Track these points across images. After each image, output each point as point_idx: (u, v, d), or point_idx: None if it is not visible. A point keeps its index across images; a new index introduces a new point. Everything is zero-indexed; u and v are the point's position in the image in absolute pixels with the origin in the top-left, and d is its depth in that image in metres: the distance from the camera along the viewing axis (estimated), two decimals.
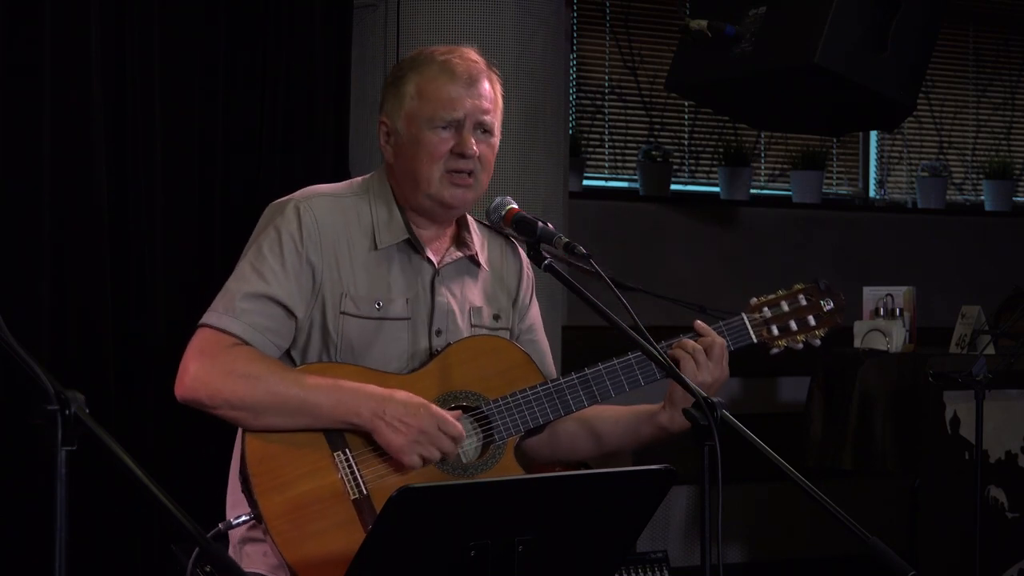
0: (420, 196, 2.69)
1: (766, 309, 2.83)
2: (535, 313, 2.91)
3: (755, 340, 2.81)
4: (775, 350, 2.85)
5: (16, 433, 4.19)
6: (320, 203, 2.68)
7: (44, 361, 2.56)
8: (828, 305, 2.86)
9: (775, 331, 2.83)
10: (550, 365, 2.92)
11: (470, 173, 2.68)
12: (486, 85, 2.69)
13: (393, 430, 2.55)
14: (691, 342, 2.73)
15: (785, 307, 2.84)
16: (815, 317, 2.85)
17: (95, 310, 4.45)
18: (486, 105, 2.68)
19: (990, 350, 5.29)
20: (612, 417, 2.83)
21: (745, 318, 2.81)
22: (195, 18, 4.70)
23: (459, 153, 2.66)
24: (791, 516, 6.31)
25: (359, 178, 2.81)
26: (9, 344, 1.92)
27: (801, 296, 2.86)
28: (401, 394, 2.58)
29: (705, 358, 2.71)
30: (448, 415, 2.59)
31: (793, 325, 2.84)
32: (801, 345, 2.85)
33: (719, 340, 2.73)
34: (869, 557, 2.31)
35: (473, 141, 2.66)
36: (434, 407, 2.58)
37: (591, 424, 2.83)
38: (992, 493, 4.92)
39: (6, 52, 4.33)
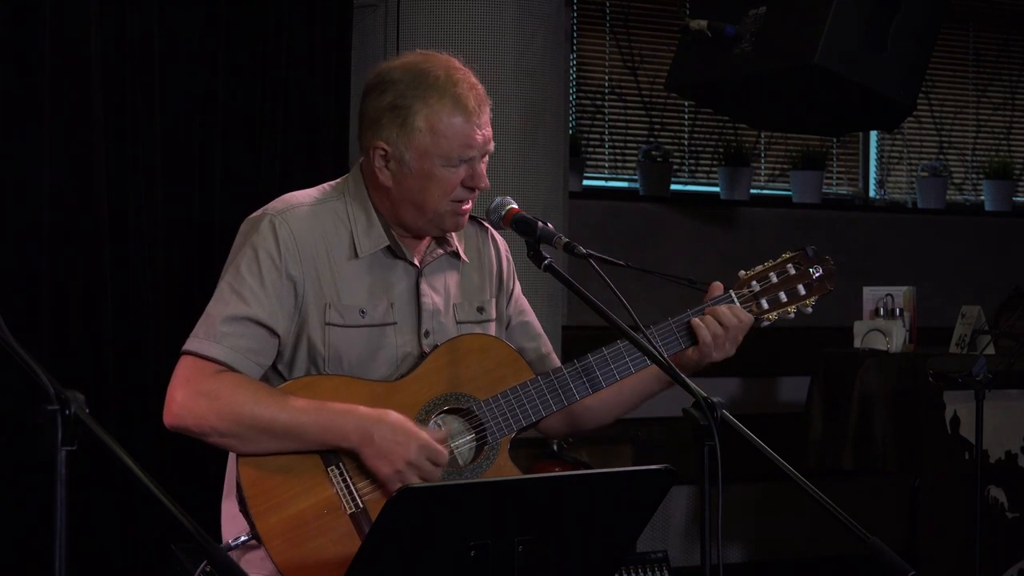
0: (422, 221, 2.67)
1: (755, 283, 2.81)
2: (520, 294, 2.90)
3: (749, 319, 2.79)
4: (766, 323, 2.82)
5: (16, 433, 4.19)
6: (295, 214, 2.65)
7: (44, 361, 2.56)
8: (818, 272, 2.83)
9: (765, 304, 2.80)
10: (546, 341, 2.91)
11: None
12: (488, 109, 2.67)
13: (380, 458, 2.54)
14: (713, 321, 2.72)
15: (774, 278, 2.81)
16: (805, 286, 2.82)
17: (95, 310, 4.45)
18: (489, 132, 2.66)
19: (990, 350, 5.29)
20: (616, 384, 2.80)
21: (734, 295, 2.79)
22: (195, 18, 4.71)
23: (471, 187, 2.65)
24: (791, 516, 6.31)
25: (331, 183, 2.77)
26: (9, 344, 1.92)
27: (790, 265, 2.83)
28: (391, 417, 2.56)
29: (723, 338, 2.71)
30: (435, 442, 2.57)
31: (783, 296, 2.81)
32: (792, 315, 2.83)
33: (745, 319, 2.73)
34: (869, 557, 2.31)
35: (484, 173, 2.66)
36: (423, 434, 2.57)
37: (598, 393, 2.81)
38: (992, 493, 4.92)
39: (6, 52, 4.33)
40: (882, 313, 5.44)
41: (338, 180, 2.77)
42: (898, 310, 5.42)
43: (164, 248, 4.62)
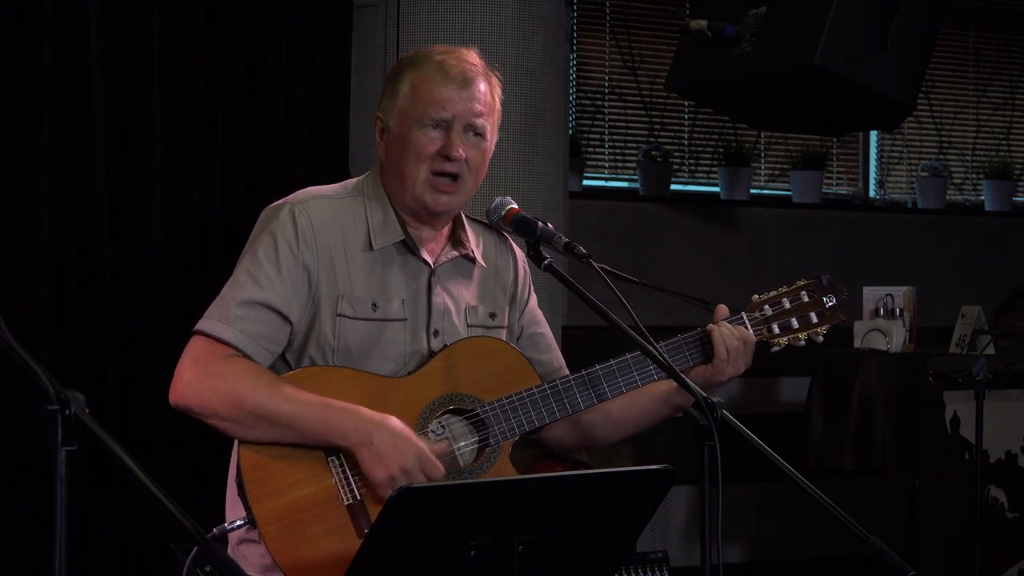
0: (406, 196, 2.67)
1: (767, 307, 2.80)
2: (535, 305, 2.90)
3: (755, 340, 2.79)
4: (776, 348, 2.82)
5: (16, 433, 4.19)
6: (315, 205, 2.67)
7: (44, 361, 2.56)
8: (831, 301, 2.83)
9: (776, 329, 2.80)
10: (558, 355, 2.91)
11: (455, 177, 2.65)
12: (482, 87, 2.67)
13: (375, 462, 2.53)
14: (729, 336, 2.72)
15: (787, 304, 2.81)
16: (817, 314, 2.82)
17: (95, 310, 4.45)
18: (478, 108, 2.65)
19: (990, 350, 5.29)
20: (626, 403, 2.80)
21: (745, 318, 2.78)
22: (195, 18, 4.71)
23: (445, 155, 2.64)
24: (791, 516, 6.31)
25: (353, 179, 2.79)
26: (9, 344, 1.92)
27: (803, 293, 2.82)
28: (393, 423, 2.56)
29: (737, 353, 2.71)
30: (433, 456, 2.57)
31: (795, 323, 2.80)
32: (803, 342, 2.82)
33: (751, 340, 2.73)
34: (869, 557, 2.31)
35: (460, 143, 2.63)
36: (422, 445, 2.56)
37: (606, 410, 2.80)
38: (992, 493, 4.92)
39: (6, 52, 4.33)
40: (882, 313, 5.44)
41: (360, 177, 2.79)
42: (898, 310, 5.42)
43: (164, 248, 4.62)
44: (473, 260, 2.77)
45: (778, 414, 6.19)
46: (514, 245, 2.86)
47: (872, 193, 7.42)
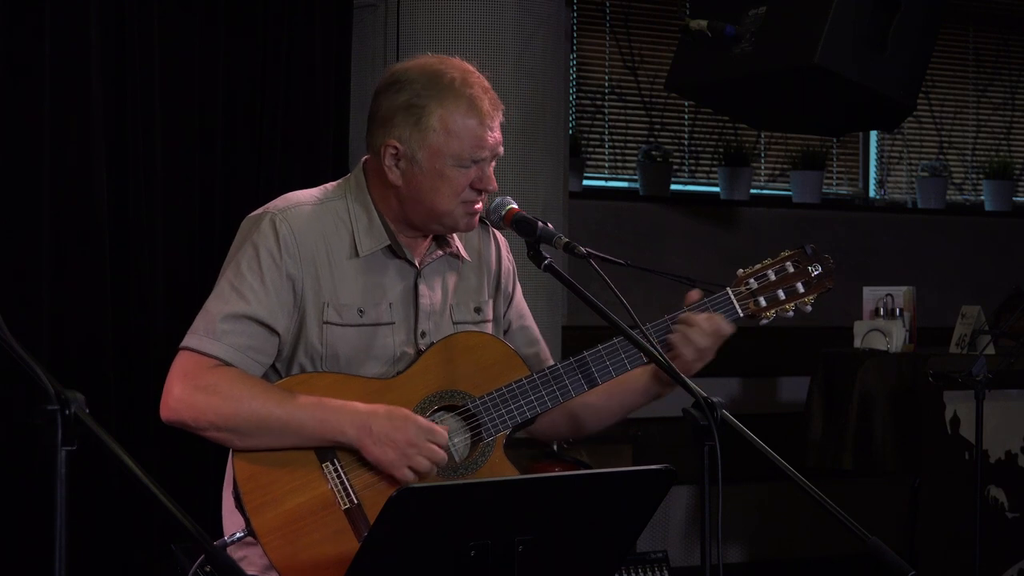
0: (431, 223, 2.68)
1: (752, 280, 2.79)
2: (520, 298, 2.91)
3: (741, 314, 2.77)
4: (764, 320, 2.80)
5: (16, 433, 4.19)
6: (296, 213, 2.66)
7: (44, 361, 2.56)
8: (816, 270, 2.81)
9: (763, 302, 2.78)
10: (544, 348, 2.92)
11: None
12: (500, 114, 2.70)
13: (381, 446, 2.55)
14: (692, 322, 2.71)
15: (772, 276, 2.80)
16: (804, 284, 2.80)
17: (95, 310, 4.45)
18: (500, 136, 2.69)
19: (990, 350, 5.29)
20: (604, 391, 2.80)
21: (730, 292, 2.78)
22: (195, 18, 4.71)
23: (480, 188, 2.66)
24: (791, 516, 6.31)
25: (333, 183, 2.78)
26: (9, 344, 1.92)
27: (788, 263, 2.81)
28: (384, 408, 2.58)
29: (696, 338, 2.70)
30: (434, 424, 2.59)
31: (781, 294, 2.79)
32: (791, 313, 2.80)
33: (725, 328, 2.72)
34: (869, 557, 2.31)
35: (492, 176, 2.67)
36: (419, 418, 2.58)
37: (585, 400, 2.80)
38: (992, 493, 4.92)
39: (6, 52, 4.33)
40: (882, 313, 5.44)
41: (340, 180, 2.78)
42: (898, 310, 5.42)
43: (164, 248, 4.62)
44: (458, 257, 2.78)
45: (778, 414, 6.18)
46: (497, 233, 2.87)
47: (872, 193, 7.42)
